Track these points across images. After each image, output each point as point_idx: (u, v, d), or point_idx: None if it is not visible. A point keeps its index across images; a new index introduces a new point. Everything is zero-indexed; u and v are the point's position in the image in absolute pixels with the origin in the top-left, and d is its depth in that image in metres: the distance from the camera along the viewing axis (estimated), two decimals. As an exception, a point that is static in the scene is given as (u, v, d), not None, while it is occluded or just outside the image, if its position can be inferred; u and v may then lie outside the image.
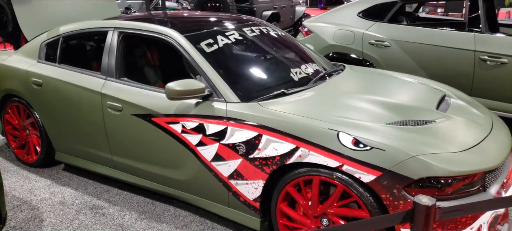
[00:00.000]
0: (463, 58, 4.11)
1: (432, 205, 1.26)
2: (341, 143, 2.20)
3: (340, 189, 2.25)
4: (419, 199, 1.28)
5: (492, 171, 2.23)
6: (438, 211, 1.29)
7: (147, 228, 2.90)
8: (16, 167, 3.84)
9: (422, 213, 1.25)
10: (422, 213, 1.25)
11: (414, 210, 1.26)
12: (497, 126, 2.60)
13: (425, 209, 1.25)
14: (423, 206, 1.25)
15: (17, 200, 3.28)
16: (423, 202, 1.26)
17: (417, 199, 1.29)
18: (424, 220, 1.25)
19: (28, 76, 3.54)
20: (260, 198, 2.53)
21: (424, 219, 1.25)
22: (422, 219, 1.25)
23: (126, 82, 3.04)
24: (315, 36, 4.96)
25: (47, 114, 3.50)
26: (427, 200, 1.28)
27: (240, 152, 2.50)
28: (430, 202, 1.26)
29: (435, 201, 1.29)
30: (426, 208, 1.25)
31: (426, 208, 1.25)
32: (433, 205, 1.26)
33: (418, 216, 1.25)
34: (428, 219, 1.25)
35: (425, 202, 1.26)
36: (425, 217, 1.25)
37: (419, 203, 1.26)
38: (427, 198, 1.28)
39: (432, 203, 1.26)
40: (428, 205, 1.25)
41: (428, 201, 1.27)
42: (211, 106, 2.62)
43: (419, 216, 1.25)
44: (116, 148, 3.13)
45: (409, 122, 2.38)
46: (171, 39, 2.90)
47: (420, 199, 1.28)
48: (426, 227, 1.25)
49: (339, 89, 2.81)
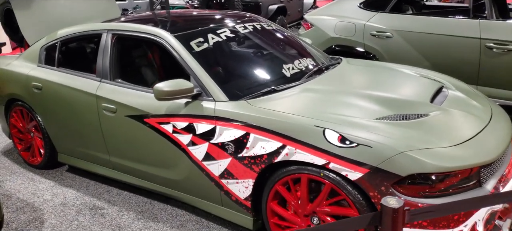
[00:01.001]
0: (468, 46, 3.99)
1: (400, 207, 1.22)
2: (327, 140, 2.16)
3: (328, 187, 2.21)
4: (387, 201, 1.24)
5: (488, 165, 2.15)
6: (407, 213, 1.25)
7: (143, 227, 2.93)
8: (22, 169, 3.92)
9: (389, 216, 1.21)
10: (389, 216, 1.21)
11: (381, 213, 1.23)
12: (496, 118, 2.51)
13: (392, 212, 1.21)
14: (390, 209, 1.21)
15: (20, 202, 3.35)
16: (390, 204, 1.22)
17: (384, 201, 1.25)
18: (391, 222, 1.21)
19: (28, 81, 3.60)
20: (251, 197, 2.51)
21: (392, 222, 1.21)
22: (389, 222, 1.22)
23: (120, 84, 3.06)
24: (316, 29, 4.89)
25: (48, 118, 3.56)
26: (395, 202, 1.24)
27: (229, 151, 2.49)
28: (398, 204, 1.22)
29: (402, 203, 1.25)
30: (393, 210, 1.21)
31: (393, 211, 1.21)
32: (400, 207, 1.22)
33: (385, 218, 1.22)
34: (395, 221, 1.21)
35: (392, 204, 1.22)
36: (392, 220, 1.21)
37: (386, 206, 1.22)
38: (395, 200, 1.24)
39: (399, 205, 1.22)
40: (395, 208, 1.21)
41: (396, 203, 1.23)
42: (200, 106, 2.61)
43: (386, 218, 1.22)
44: (113, 149, 3.16)
45: (400, 117, 2.32)
46: (161, 39, 2.90)
47: (387, 201, 1.24)
48: (394, 229, 1.22)
49: (331, 85, 2.76)
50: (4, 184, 3.65)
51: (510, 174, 2.29)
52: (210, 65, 2.81)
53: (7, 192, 3.52)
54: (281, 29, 3.63)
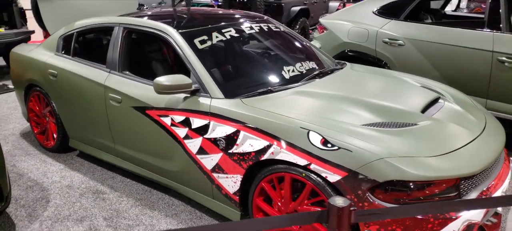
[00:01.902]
0: (480, 59, 3.93)
1: (345, 207, 1.27)
2: (310, 142, 2.22)
3: (309, 188, 2.27)
4: (334, 200, 1.30)
5: (469, 177, 2.16)
6: (353, 213, 1.30)
7: (140, 214, 3.06)
8: (37, 151, 4.14)
9: (334, 214, 1.27)
10: (335, 214, 1.27)
11: (328, 211, 1.28)
12: (488, 132, 2.50)
13: (337, 210, 1.26)
14: (335, 207, 1.27)
15: (31, 181, 3.55)
16: (336, 203, 1.28)
17: (331, 200, 1.31)
18: (336, 221, 1.27)
19: (45, 68, 3.80)
20: (239, 192, 2.59)
21: (337, 220, 1.27)
22: (335, 220, 1.27)
23: (126, 76, 3.20)
24: (330, 33, 4.92)
25: (61, 104, 3.75)
26: (342, 201, 1.29)
27: (221, 146, 2.58)
28: (344, 204, 1.28)
29: (349, 202, 1.30)
30: (338, 209, 1.26)
31: (338, 209, 1.26)
32: (346, 207, 1.27)
33: (331, 216, 1.27)
34: (340, 220, 1.27)
35: (339, 204, 1.28)
36: (337, 218, 1.27)
37: (332, 204, 1.28)
38: (342, 200, 1.30)
39: (345, 205, 1.28)
40: (340, 207, 1.27)
41: (342, 203, 1.28)
42: (197, 101, 2.71)
43: (332, 217, 1.27)
44: (118, 138, 3.31)
45: (388, 124, 2.35)
46: (166, 34, 3.02)
47: (334, 200, 1.29)
48: (339, 228, 1.27)
49: (327, 89, 2.81)
50: (19, 164, 3.87)
51: (494, 188, 2.28)
52: (211, 63, 2.90)
53: (20, 171, 3.73)
54: (290, 32, 3.69)
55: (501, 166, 2.45)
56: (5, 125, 4.87)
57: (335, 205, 1.27)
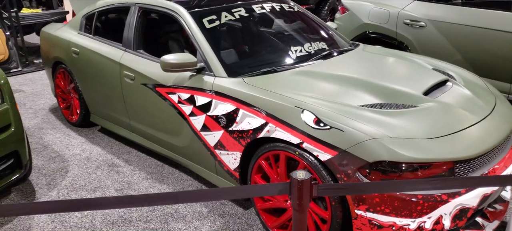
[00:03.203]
0: (504, 41, 3.76)
1: (306, 180, 1.30)
2: (304, 121, 2.24)
3: (301, 166, 2.30)
4: (295, 173, 1.33)
5: (465, 161, 2.12)
6: (315, 187, 1.32)
7: (149, 186, 3.19)
8: (62, 125, 4.37)
9: (295, 187, 1.30)
10: (296, 187, 1.30)
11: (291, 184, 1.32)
12: (495, 117, 2.42)
13: (297, 183, 1.30)
14: (296, 180, 1.30)
15: (54, 153, 3.77)
16: (297, 176, 1.31)
17: (293, 173, 1.34)
18: (297, 193, 1.30)
19: (69, 46, 3.98)
20: (239, 168, 2.66)
21: (298, 192, 1.30)
22: (296, 192, 1.30)
23: (140, 54, 3.31)
24: (351, 14, 4.84)
25: (83, 80, 3.93)
26: (303, 175, 1.32)
27: (222, 124, 2.64)
28: (305, 177, 1.31)
29: (310, 176, 1.32)
30: (298, 182, 1.30)
31: (298, 182, 1.29)
32: (306, 180, 1.30)
33: (293, 189, 1.31)
34: (301, 193, 1.30)
35: (300, 177, 1.31)
36: (298, 191, 1.30)
37: (294, 177, 1.31)
38: (303, 174, 1.33)
39: (306, 178, 1.30)
40: (301, 180, 1.30)
41: (303, 176, 1.31)
42: (202, 80, 2.78)
43: (294, 189, 1.30)
44: (132, 114, 3.45)
45: (386, 105, 2.33)
46: (176, 13, 3.09)
47: (296, 174, 1.33)
48: (300, 200, 1.30)
49: (331, 69, 2.80)
50: (45, 136, 4.11)
51: (494, 173, 2.22)
52: (217, 42, 2.95)
53: (46, 143, 3.96)
54: (303, 12, 3.67)
55: (506, 152, 2.37)
56: (37, 100, 5.16)
57: (296, 178, 1.30)
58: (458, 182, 1.53)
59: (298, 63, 2.91)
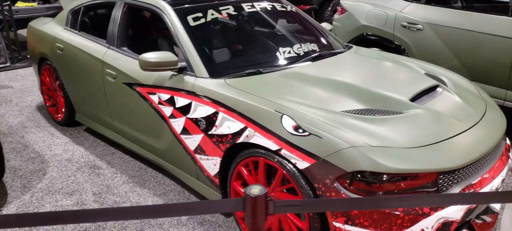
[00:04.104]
0: (501, 46, 3.61)
1: (260, 196, 1.17)
2: (283, 127, 2.11)
3: (280, 174, 2.17)
4: (249, 188, 1.20)
5: (449, 172, 1.98)
6: (272, 204, 1.20)
7: (129, 191, 3.07)
8: (47, 124, 4.26)
9: (249, 203, 1.17)
10: (249, 204, 1.17)
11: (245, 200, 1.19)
12: (484, 125, 2.28)
13: (251, 200, 1.17)
14: (249, 197, 1.17)
15: (34, 153, 3.65)
16: (251, 192, 1.18)
17: (247, 189, 1.21)
18: (251, 210, 1.17)
19: (54, 42, 3.87)
20: (219, 174, 2.53)
21: (251, 209, 1.17)
22: (250, 210, 1.18)
23: (122, 52, 3.19)
24: (349, 15, 4.69)
25: (67, 78, 3.82)
26: (257, 190, 1.19)
27: (201, 127, 2.52)
28: (259, 193, 1.18)
29: (265, 192, 1.20)
30: (251, 198, 1.17)
31: (251, 199, 1.17)
32: (261, 197, 1.17)
33: (247, 206, 1.18)
34: (255, 210, 1.17)
35: (253, 193, 1.18)
36: (252, 208, 1.17)
37: (247, 193, 1.18)
38: (258, 189, 1.20)
39: (260, 194, 1.18)
40: (254, 196, 1.17)
41: (258, 192, 1.18)
42: (182, 80, 2.66)
43: (247, 206, 1.18)
44: (115, 114, 3.33)
45: (370, 111, 2.20)
46: (159, 9, 2.97)
47: (250, 189, 1.20)
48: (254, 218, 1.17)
49: (318, 72, 2.67)
50: (27, 135, 4.00)
51: (481, 184, 2.07)
52: (201, 41, 2.83)
53: (27, 143, 3.85)
54: (296, 12, 3.53)
55: (495, 161, 2.23)
56: (25, 97, 5.06)
57: (249, 194, 1.18)
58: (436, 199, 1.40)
59: (285, 65, 2.78)
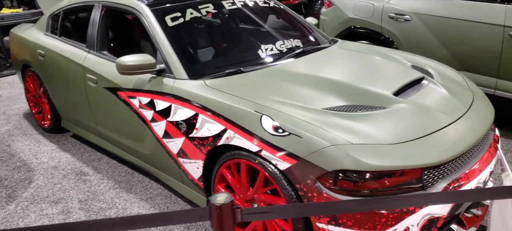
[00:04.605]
0: (490, 34, 3.56)
1: (226, 205, 1.12)
2: (263, 127, 2.06)
3: (262, 175, 2.12)
4: (214, 197, 1.15)
5: (435, 167, 1.93)
6: (239, 212, 1.15)
7: (115, 197, 3.02)
8: (34, 132, 4.20)
9: (214, 213, 1.12)
10: (215, 213, 1.12)
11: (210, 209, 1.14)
12: (470, 117, 2.23)
13: (216, 209, 1.12)
14: (214, 206, 1.12)
15: (20, 162, 3.60)
16: (216, 201, 1.13)
17: (212, 197, 1.16)
18: (217, 220, 1.12)
19: (35, 48, 3.81)
20: (203, 177, 2.48)
21: (217, 219, 1.12)
22: (216, 219, 1.13)
23: (102, 56, 3.13)
24: (336, 8, 4.64)
25: (50, 84, 3.75)
26: (223, 199, 1.14)
27: (182, 130, 2.47)
28: (225, 201, 1.13)
29: (231, 200, 1.14)
30: (216, 207, 1.12)
31: (216, 208, 1.12)
32: (226, 205, 1.12)
33: (213, 215, 1.13)
34: (221, 219, 1.12)
35: (218, 201, 1.13)
36: (218, 217, 1.12)
37: (212, 202, 1.13)
38: (224, 197, 1.15)
39: (226, 202, 1.13)
40: (219, 205, 1.12)
41: (223, 200, 1.13)
42: (161, 82, 2.60)
43: (213, 215, 1.13)
44: (98, 119, 3.27)
45: (352, 108, 2.14)
46: (137, 11, 2.91)
47: (215, 198, 1.15)
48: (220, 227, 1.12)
49: (301, 69, 2.62)
50: (14, 144, 3.94)
51: (468, 178, 2.03)
52: (180, 41, 2.77)
53: (13, 151, 3.79)
54: (279, 8, 3.47)
55: (482, 153, 2.18)
56: (12, 105, 5.00)
57: (214, 203, 1.13)
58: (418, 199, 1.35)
59: (267, 63, 2.72)
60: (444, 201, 1.44)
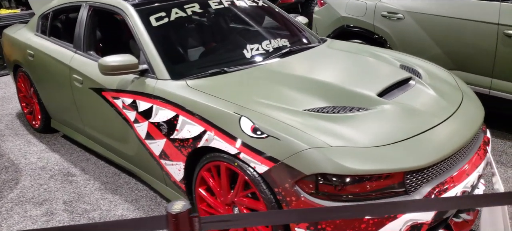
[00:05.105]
0: (484, 32, 3.49)
1: (183, 213, 1.08)
2: (241, 129, 2.02)
3: (241, 178, 2.08)
4: (171, 205, 1.11)
5: (418, 171, 1.88)
6: (197, 220, 1.10)
7: (100, 198, 2.99)
8: (25, 132, 4.18)
9: (171, 222, 1.08)
10: (171, 222, 1.08)
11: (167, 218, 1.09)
12: (457, 118, 2.17)
13: (172, 217, 1.08)
14: (170, 214, 1.08)
15: (9, 162, 3.58)
16: (173, 209, 1.09)
17: (169, 205, 1.12)
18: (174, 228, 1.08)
19: (25, 48, 3.78)
20: (185, 179, 2.44)
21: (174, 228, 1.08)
22: (173, 227, 1.08)
23: (88, 56, 3.10)
24: (328, 7, 4.58)
25: (40, 84, 3.73)
26: (180, 207, 1.10)
27: (163, 131, 2.43)
28: (181, 210, 1.09)
29: (188, 208, 1.10)
30: (173, 216, 1.07)
31: (172, 216, 1.07)
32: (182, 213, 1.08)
33: (169, 224, 1.09)
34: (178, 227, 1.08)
35: (175, 210, 1.09)
36: (174, 226, 1.08)
37: (169, 211, 1.09)
38: (181, 205, 1.10)
39: (183, 210, 1.08)
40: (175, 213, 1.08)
41: (180, 208, 1.09)
42: (144, 83, 2.57)
43: (170, 224, 1.08)
44: (85, 120, 3.24)
45: (333, 109, 2.09)
46: (122, 11, 2.88)
47: (172, 206, 1.10)
48: (177, 236, 1.08)
49: (286, 69, 2.57)
50: (4, 144, 3.92)
51: (453, 182, 1.97)
52: (164, 41, 2.73)
53: (3, 152, 3.77)
54: (268, 7, 3.43)
55: (470, 156, 2.13)
56: (6, 105, 4.98)
57: (170, 211, 1.08)
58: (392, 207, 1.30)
59: (252, 63, 2.68)
60: (425, 209, 1.39)
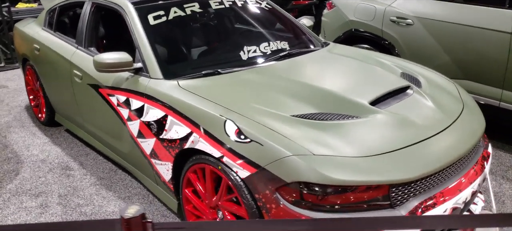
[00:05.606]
0: (495, 41, 3.37)
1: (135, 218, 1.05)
2: (226, 132, 1.98)
3: (224, 182, 2.04)
4: (124, 209, 1.08)
5: (404, 185, 1.81)
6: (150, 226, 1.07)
7: (94, 194, 3.00)
8: (32, 124, 4.25)
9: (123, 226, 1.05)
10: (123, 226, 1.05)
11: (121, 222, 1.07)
12: (452, 131, 2.09)
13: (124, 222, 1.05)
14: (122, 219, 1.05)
15: (12, 153, 3.64)
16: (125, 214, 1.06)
17: (122, 209, 1.09)
18: (124, 233, 1.06)
19: (32, 42, 3.84)
20: (173, 180, 2.42)
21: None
22: (124, 232, 1.06)
23: (88, 52, 3.11)
24: (337, 10, 4.50)
25: (44, 78, 3.78)
26: (133, 211, 1.07)
27: (153, 131, 2.42)
28: (134, 214, 1.06)
29: (141, 213, 1.07)
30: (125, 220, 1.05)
31: (125, 221, 1.05)
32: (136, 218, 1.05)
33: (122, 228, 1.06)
34: (129, 232, 1.05)
35: (127, 214, 1.06)
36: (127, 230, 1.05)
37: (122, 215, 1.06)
38: (134, 210, 1.08)
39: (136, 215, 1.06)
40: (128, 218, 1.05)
41: (133, 212, 1.06)
42: (137, 81, 2.56)
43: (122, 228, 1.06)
44: (84, 115, 3.26)
45: (322, 116, 2.04)
46: (121, 8, 2.88)
47: (125, 210, 1.08)
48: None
49: (281, 72, 2.52)
50: (10, 135, 3.99)
51: (443, 197, 1.89)
52: (160, 40, 2.72)
53: (8, 143, 3.84)
54: (270, 8, 3.38)
55: (465, 170, 2.04)
56: (16, 97, 5.08)
57: (123, 215, 1.06)
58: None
59: (248, 65, 2.64)
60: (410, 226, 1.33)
